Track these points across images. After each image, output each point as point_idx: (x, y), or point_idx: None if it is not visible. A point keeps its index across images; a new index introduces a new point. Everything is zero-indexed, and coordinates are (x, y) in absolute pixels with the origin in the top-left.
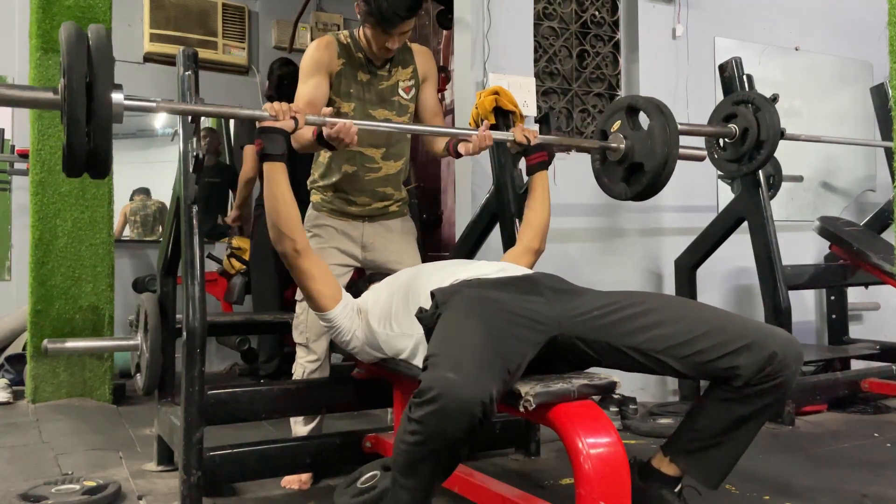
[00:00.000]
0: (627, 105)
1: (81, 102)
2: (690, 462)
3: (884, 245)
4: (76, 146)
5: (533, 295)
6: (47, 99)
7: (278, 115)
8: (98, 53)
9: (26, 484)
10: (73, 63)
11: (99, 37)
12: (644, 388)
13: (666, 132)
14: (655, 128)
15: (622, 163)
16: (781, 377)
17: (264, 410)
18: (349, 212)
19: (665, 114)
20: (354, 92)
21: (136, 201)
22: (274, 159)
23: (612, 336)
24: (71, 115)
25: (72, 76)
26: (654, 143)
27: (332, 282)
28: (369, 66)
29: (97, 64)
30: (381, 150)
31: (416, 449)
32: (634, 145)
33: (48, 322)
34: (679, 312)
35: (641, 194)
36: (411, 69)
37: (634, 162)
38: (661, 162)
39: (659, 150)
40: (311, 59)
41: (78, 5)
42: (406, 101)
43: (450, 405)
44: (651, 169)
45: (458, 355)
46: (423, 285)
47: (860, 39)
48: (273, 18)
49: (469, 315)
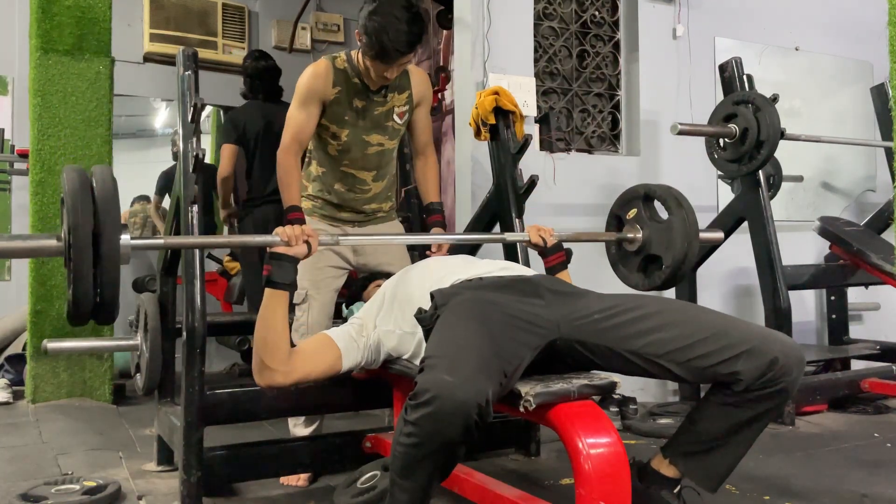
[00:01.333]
0: (644, 194)
1: (88, 255)
2: (689, 465)
3: (884, 245)
4: (82, 298)
5: (533, 297)
6: (50, 248)
7: (290, 240)
8: (103, 199)
9: (26, 484)
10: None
11: (104, 180)
12: (644, 388)
13: (685, 226)
14: (675, 222)
15: (639, 253)
16: (782, 383)
17: (264, 410)
18: (340, 217)
19: (684, 207)
20: (349, 119)
21: (137, 207)
22: (279, 288)
23: (612, 340)
24: (77, 268)
25: (77, 226)
26: (674, 238)
27: (327, 353)
28: (366, 92)
29: (103, 211)
30: (371, 172)
31: (412, 451)
32: (652, 236)
33: (48, 322)
34: (680, 316)
35: (660, 287)
36: (406, 94)
37: (651, 254)
38: (681, 258)
39: (679, 244)
40: (306, 88)
41: (78, 5)
42: (399, 125)
43: (446, 407)
44: (671, 264)
45: (454, 357)
46: (426, 284)
47: (860, 39)
48: (273, 18)
49: (467, 317)
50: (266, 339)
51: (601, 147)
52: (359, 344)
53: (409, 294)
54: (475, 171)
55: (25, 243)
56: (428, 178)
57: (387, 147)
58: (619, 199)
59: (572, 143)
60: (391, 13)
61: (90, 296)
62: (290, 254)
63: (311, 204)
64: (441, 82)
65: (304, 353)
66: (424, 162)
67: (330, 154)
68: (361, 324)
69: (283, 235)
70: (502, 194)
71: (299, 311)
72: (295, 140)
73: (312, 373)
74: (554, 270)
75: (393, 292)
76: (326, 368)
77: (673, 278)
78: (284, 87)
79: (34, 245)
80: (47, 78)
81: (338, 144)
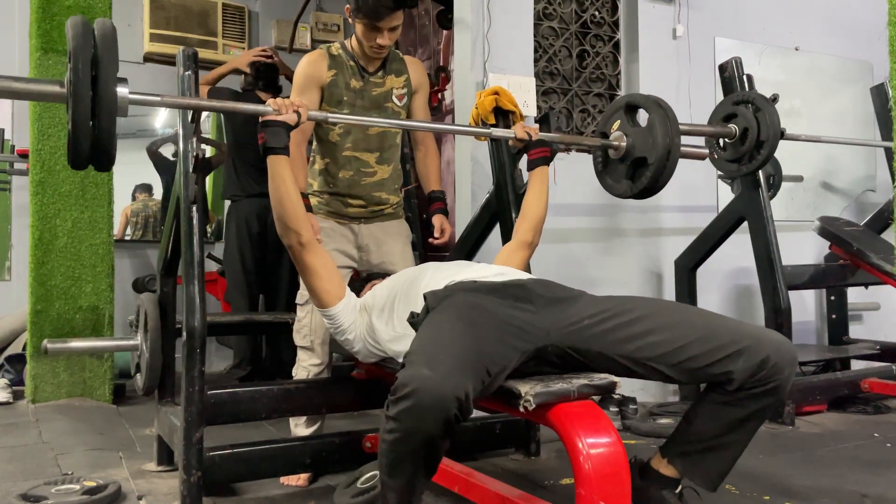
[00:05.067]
0: (626, 103)
1: (87, 94)
2: (688, 465)
3: (884, 245)
4: (81, 138)
5: (525, 303)
6: (53, 92)
7: (280, 109)
8: (104, 47)
9: (26, 484)
10: (80, 55)
11: (105, 30)
12: (644, 388)
13: (666, 123)
14: (655, 120)
15: (625, 160)
16: (775, 381)
17: (264, 410)
18: (346, 213)
19: (663, 107)
20: (347, 99)
21: (138, 201)
22: (277, 152)
23: (603, 345)
24: (76, 106)
25: (78, 68)
26: (656, 136)
27: (337, 279)
28: (362, 73)
29: (103, 57)
30: (375, 154)
31: (395, 447)
32: (636, 141)
33: (48, 322)
34: (671, 318)
35: (646, 189)
36: (404, 78)
37: (637, 157)
38: (664, 153)
39: (661, 141)
40: (302, 75)
41: (78, 5)
42: (399, 108)
43: (424, 401)
44: (655, 161)
45: (434, 353)
46: (422, 287)
47: (860, 39)
48: (273, 18)
49: (455, 317)
50: (282, 203)
51: None
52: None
53: (404, 296)
54: (475, 171)
55: (29, 86)
56: (429, 167)
57: (388, 129)
58: (603, 115)
59: None
60: None
61: (88, 136)
62: (281, 119)
63: (318, 200)
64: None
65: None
66: (425, 151)
67: (332, 141)
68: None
69: (273, 105)
70: (502, 194)
71: (302, 312)
72: (297, 130)
73: (319, 272)
74: (535, 164)
75: (387, 294)
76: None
77: (658, 177)
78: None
79: (39, 88)
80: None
81: (339, 128)
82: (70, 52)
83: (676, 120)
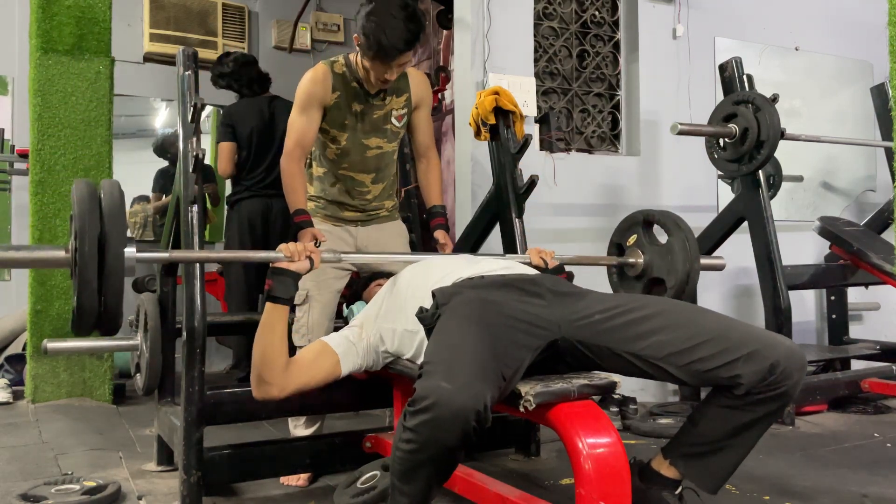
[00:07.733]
0: (643, 219)
1: (93, 265)
2: (689, 467)
3: (884, 245)
4: (87, 307)
5: (535, 297)
6: (57, 258)
7: (293, 256)
8: (110, 211)
9: (26, 484)
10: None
11: (112, 194)
12: (644, 388)
13: (686, 249)
14: (675, 244)
15: (641, 278)
16: (784, 387)
17: (264, 410)
18: (343, 217)
19: (683, 229)
20: (349, 123)
21: (137, 207)
22: (280, 303)
23: (612, 341)
24: (82, 276)
25: (83, 237)
26: (676, 261)
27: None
28: (365, 96)
29: (109, 222)
30: (370, 174)
31: (411, 456)
32: (653, 260)
33: (48, 322)
34: (680, 319)
35: None
36: (405, 97)
37: (654, 277)
38: (683, 278)
39: (681, 267)
40: (306, 93)
41: (78, 5)
42: (398, 128)
43: (444, 414)
44: (674, 285)
45: (451, 363)
46: (429, 282)
47: (860, 39)
48: (273, 18)
49: (467, 319)
50: (265, 354)
51: (601, 147)
52: (358, 348)
53: (412, 292)
54: (475, 171)
55: (32, 254)
56: (430, 181)
57: (386, 150)
58: (619, 227)
59: (572, 143)
60: (388, 12)
61: (95, 306)
62: (293, 269)
63: (314, 204)
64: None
65: (300, 363)
66: (427, 165)
67: (329, 157)
68: (361, 327)
69: (286, 251)
70: (502, 194)
71: (300, 312)
72: (298, 145)
73: (310, 382)
74: None
75: (395, 291)
76: (325, 376)
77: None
78: (284, 87)
79: (42, 256)
80: (47, 78)
81: (336, 148)
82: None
83: (696, 243)
